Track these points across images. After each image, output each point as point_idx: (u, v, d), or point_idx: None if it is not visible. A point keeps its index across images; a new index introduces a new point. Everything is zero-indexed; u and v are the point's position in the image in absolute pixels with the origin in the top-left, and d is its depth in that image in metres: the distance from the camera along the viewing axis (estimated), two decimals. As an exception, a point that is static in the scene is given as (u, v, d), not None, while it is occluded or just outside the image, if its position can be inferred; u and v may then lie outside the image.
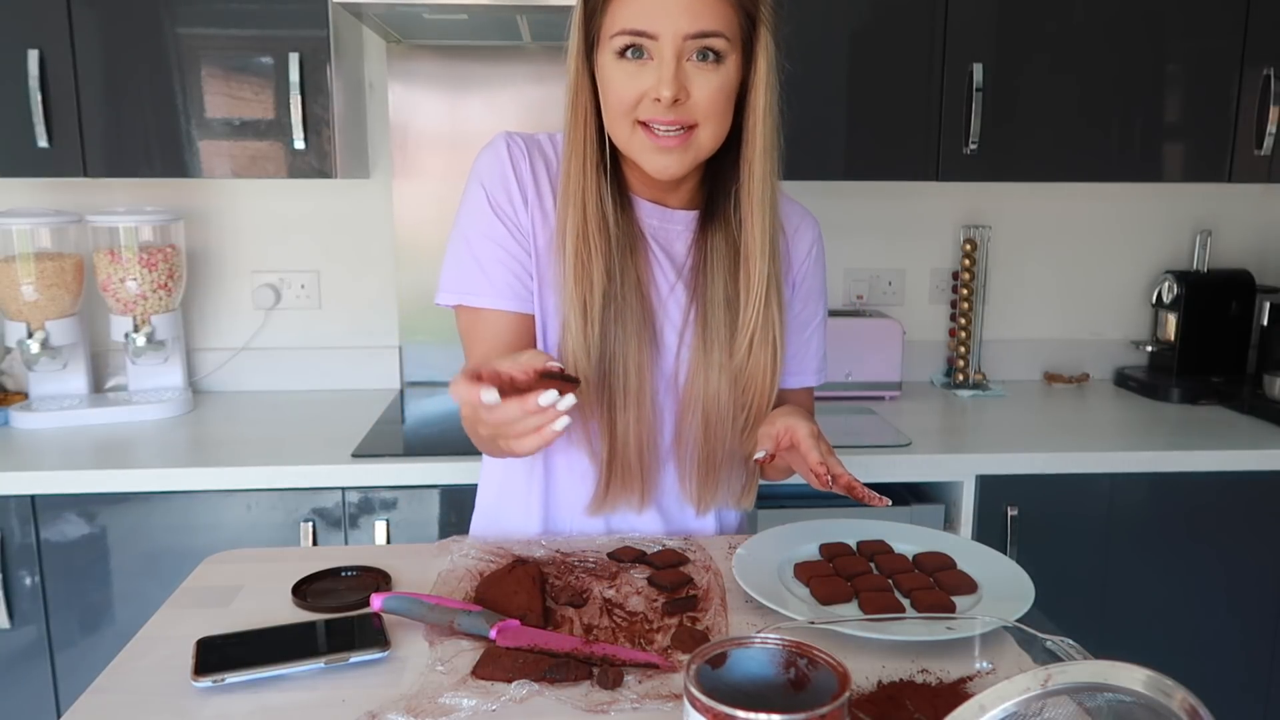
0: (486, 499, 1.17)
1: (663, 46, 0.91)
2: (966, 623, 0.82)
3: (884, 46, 1.90)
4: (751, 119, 0.99)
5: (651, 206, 1.06)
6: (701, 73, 0.93)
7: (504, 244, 1.03)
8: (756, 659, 0.61)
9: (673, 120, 0.93)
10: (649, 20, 0.91)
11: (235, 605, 0.92)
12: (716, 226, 1.05)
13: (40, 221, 1.90)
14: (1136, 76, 1.94)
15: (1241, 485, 1.79)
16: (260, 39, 1.79)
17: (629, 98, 0.94)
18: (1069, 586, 1.80)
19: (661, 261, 1.06)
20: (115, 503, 1.65)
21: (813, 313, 1.16)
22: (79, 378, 2.01)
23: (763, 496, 1.78)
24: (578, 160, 0.99)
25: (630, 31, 0.92)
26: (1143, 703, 0.53)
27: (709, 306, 1.04)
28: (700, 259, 1.05)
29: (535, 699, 0.74)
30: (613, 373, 1.01)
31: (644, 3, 0.91)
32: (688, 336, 1.05)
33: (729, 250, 1.04)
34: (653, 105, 0.93)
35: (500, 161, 1.03)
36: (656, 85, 0.92)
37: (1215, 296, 2.21)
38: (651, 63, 0.93)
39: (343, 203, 2.17)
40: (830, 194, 2.27)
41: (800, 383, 1.17)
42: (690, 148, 0.96)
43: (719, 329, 1.04)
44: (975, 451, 1.76)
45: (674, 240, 1.07)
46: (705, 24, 0.91)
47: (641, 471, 1.05)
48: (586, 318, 0.99)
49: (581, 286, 0.99)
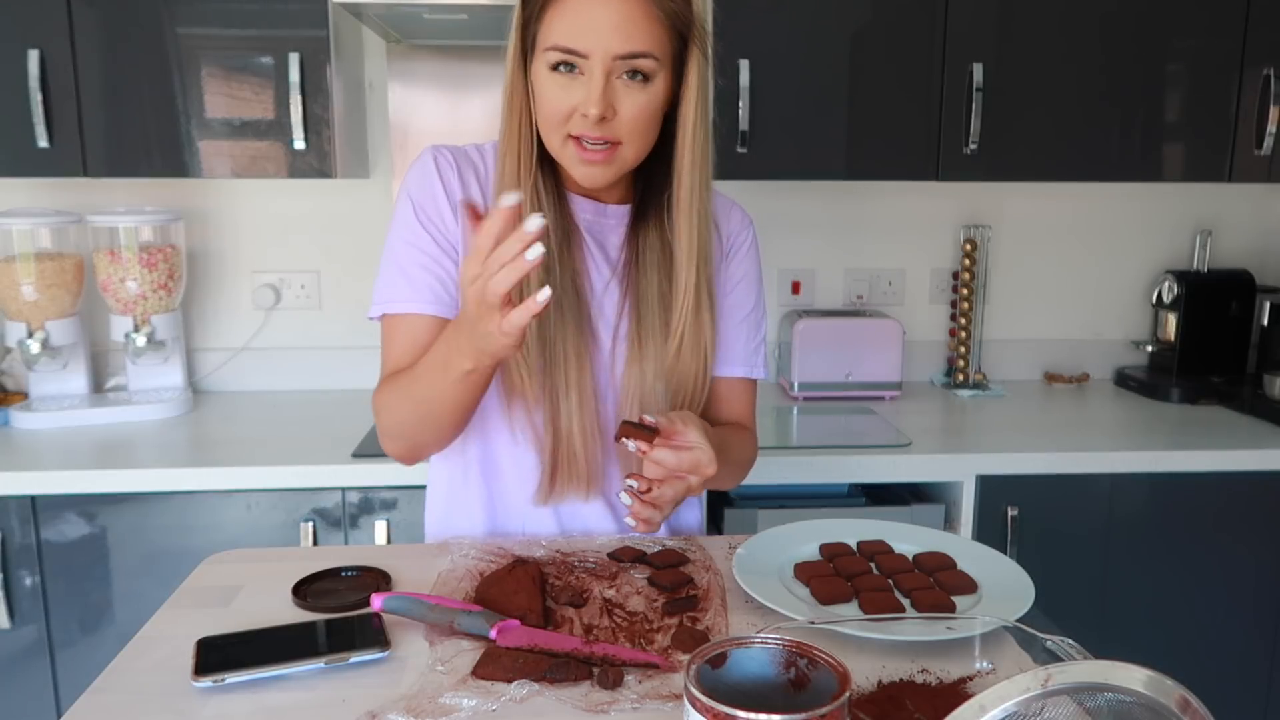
0: (436, 501, 1.17)
1: (593, 65, 0.94)
2: (966, 623, 0.82)
3: (884, 46, 1.90)
4: (682, 132, 1.01)
5: (586, 202, 1.08)
6: (629, 92, 0.96)
7: (428, 250, 1.05)
8: (756, 659, 0.61)
9: (599, 136, 0.96)
10: (581, 39, 0.93)
11: (235, 605, 0.92)
12: (649, 223, 1.07)
13: (40, 221, 1.90)
14: (1136, 76, 1.94)
15: (1241, 485, 1.79)
16: (260, 39, 1.80)
17: (560, 110, 0.96)
18: (1069, 586, 1.80)
19: (596, 256, 1.08)
20: (115, 503, 1.65)
21: (743, 299, 1.16)
22: (79, 378, 2.01)
23: (763, 496, 1.79)
24: (513, 157, 1.02)
25: (562, 49, 0.94)
26: (1143, 703, 0.53)
27: (641, 301, 1.07)
28: (633, 255, 1.08)
29: (535, 699, 0.74)
30: (553, 362, 1.03)
31: (577, 21, 0.93)
32: (623, 330, 1.08)
33: (662, 248, 1.07)
34: (581, 120, 0.96)
35: (428, 174, 1.06)
36: (585, 102, 0.94)
37: (1215, 296, 2.21)
38: (582, 78, 0.95)
39: (343, 203, 2.17)
40: (830, 194, 2.27)
41: (727, 372, 1.16)
42: (615, 161, 0.99)
43: (653, 323, 1.06)
44: (975, 451, 1.76)
45: (608, 234, 1.09)
46: (635, 45, 0.94)
47: (586, 458, 1.06)
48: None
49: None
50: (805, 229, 2.28)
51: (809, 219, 2.28)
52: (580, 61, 0.94)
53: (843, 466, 1.74)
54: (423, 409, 0.99)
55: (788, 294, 2.30)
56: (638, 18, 0.93)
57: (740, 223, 1.16)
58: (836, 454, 1.74)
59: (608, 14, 0.92)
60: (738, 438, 1.14)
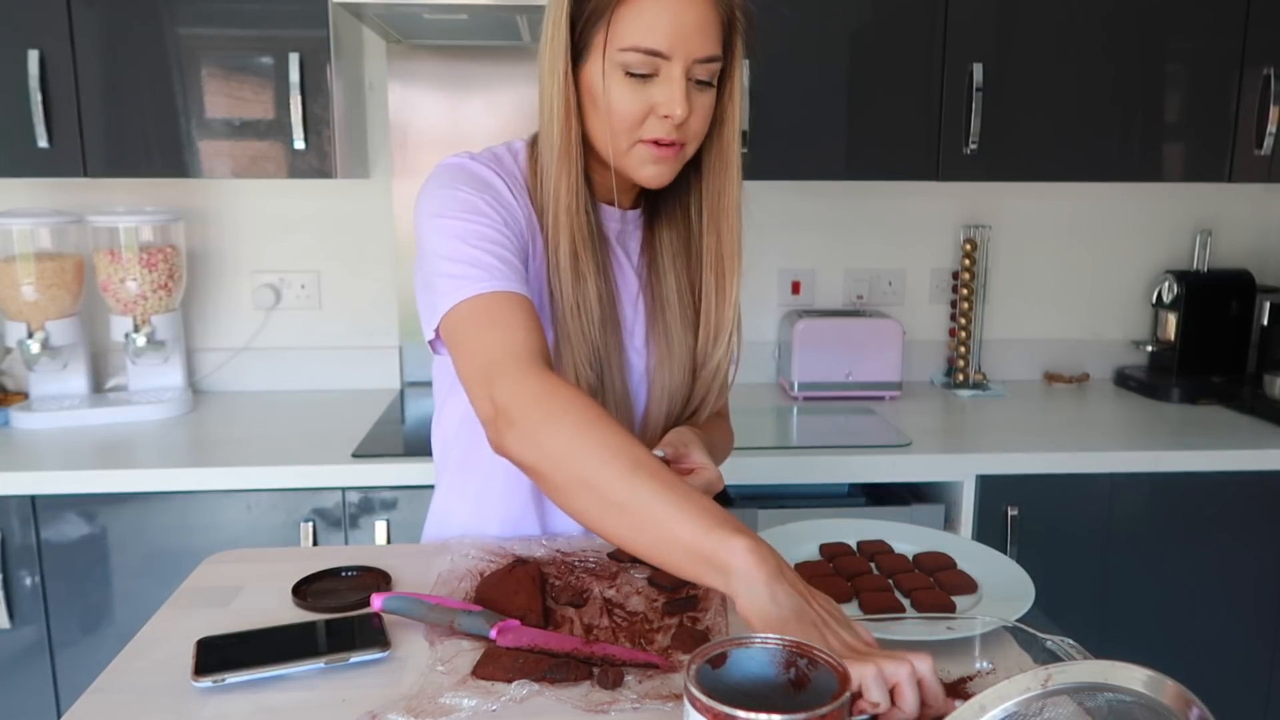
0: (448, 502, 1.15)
1: (673, 67, 0.93)
2: (966, 623, 0.82)
3: (884, 46, 1.90)
4: (727, 130, 1.02)
5: (612, 210, 1.08)
6: (699, 95, 0.96)
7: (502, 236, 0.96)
8: (756, 659, 0.61)
9: (673, 139, 0.96)
10: (664, 40, 0.91)
11: (235, 605, 0.92)
12: (663, 225, 1.09)
13: (40, 221, 1.90)
14: (1136, 76, 1.94)
15: (1241, 485, 1.79)
16: (260, 39, 1.79)
17: (636, 113, 0.94)
18: (1069, 586, 1.80)
19: (623, 262, 1.09)
20: (115, 503, 1.65)
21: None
22: (79, 378, 2.01)
23: (763, 496, 1.79)
24: (569, 174, 0.98)
25: (645, 50, 0.92)
26: (1143, 703, 0.53)
27: (665, 302, 1.08)
28: (654, 257, 1.09)
29: (535, 699, 0.74)
30: (600, 376, 1.04)
31: (658, 21, 0.91)
32: (651, 331, 1.09)
33: (680, 247, 1.09)
34: (660, 123, 0.94)
35: (477, 168, 1.00)
36: (668, 104, 0.93)
37: (1215, 296, 2.21)
38: (656, 79, 0.93)
39: (343, 203, 2.17)
40: (830, 194, 2.27)
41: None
42: (679, 159, 0.99)
43: (676, 322, 1.08)
44: (975, 451, 1.76)
45: (629, 239, 1.10)
46: (711, 48, 0.94)
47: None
48: (584, 325, 1.01)
49: (578, 291, 1.01)
50: (805, 229, 2.28)
51: (809, 219, 2.28)
52: (660, 64, 0.92)
53: (843, 466, 1.74)
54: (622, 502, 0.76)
55: (788, 294, 2.30)
56: (712, 19, 0.94)
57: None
58: (836, 454, 1.74)
59: (688, 15, 0.92)
60: (720, 433, 1.18)
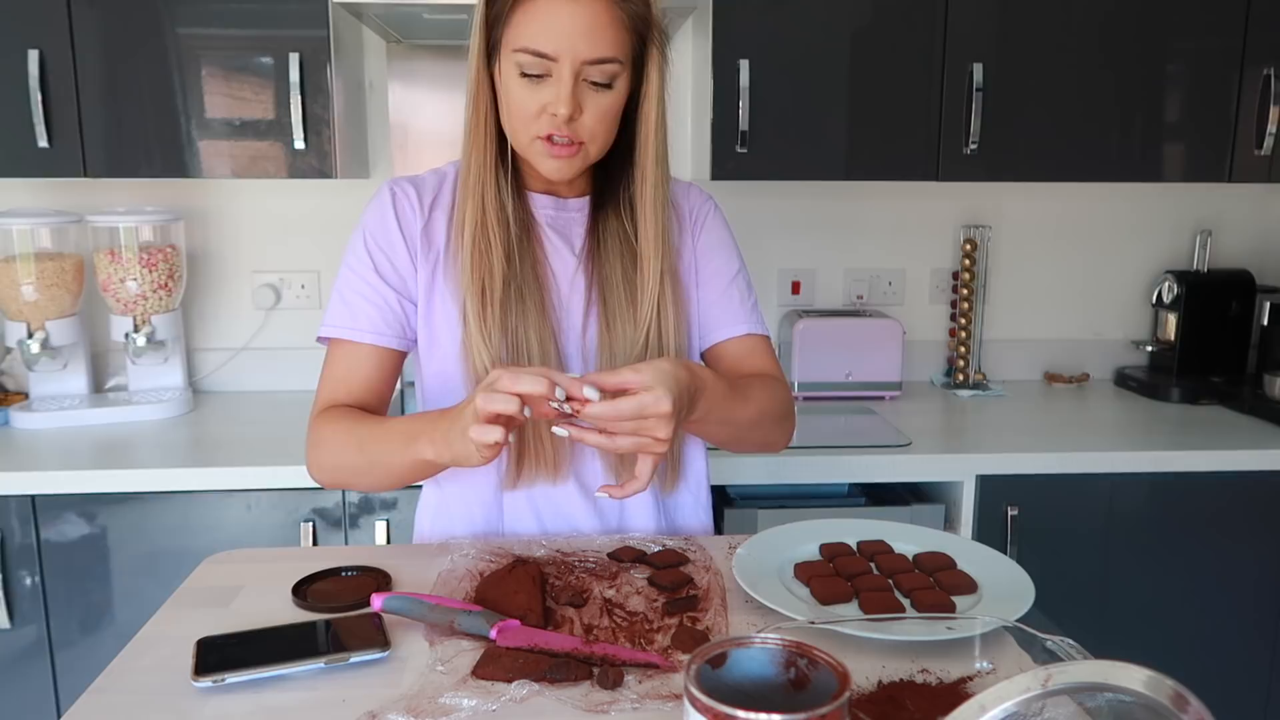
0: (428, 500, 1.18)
1: (561, 68, 0.96)
2: (966, 623, 0.82)
3: (884, 46, 1.90)
4: (644, 130, 1.05)
5: (546, 198, 1.12)
6: (594, 95, 0.99)
7: (371, 281, 1.10)
8: (756, 659, 0.61)
9: (566, 135, 0.99)
10: (551, 43, 0.95)
11: (235, 605, 0.92)
12: (609, 213, 1.11)
13: (40, 221, 1.90)
14: (1136, 76, 1.94)
15: (1241, 485, 1.79)
16: (260, 39, 1.79)
17: (529, 110, 0.99)
18: (1069, 586, 1.80)
19: (559, 248, 1.11)
20: (115, 503, 1.65)
21: (725, 264, 1.18)
22: (79, 378, 2.01)
23: (763, 496, 1.79)
24: (478, 156, 1.05)
25: (532, 52, 0.96)
26: (1143, 703, 0.53)
27: (606, 286, 1.09)
28: (595, 244, 1.11)
29: (535, 699, 0.74)
30: (517, 353, 1.06)
31: (546, 25, 0.95)
32: (592, 317, 1.10)
33: (623, 235, 1.10)
34: (550, 119, 0.99)
35: (383, 207, 1.10)
36: (554, 102, 0.97)
37: (1215, 296, 2.21)
38: (550, 79, 0.98)
39: (343, 203, 2.17)
40: (830, 194, 2.27)
41: (732, 332, 1.17)
42: (580, 157, 1.03)
43: (619, 307, 1.09)
44: (975, 451, 1.76)
45: (571, 227, 1.12)
46: (602, 50, 0.97)
47: (551, 441, 1.07)
48: (485, 303, 1.04)
49: (479, 272, 1.05)
50: (805, 229, 2.28)
51: (809, 219, 2.28)
52: (549, 65, 0.96)
53: (843, 466, 1.74)
54: (368, 465, 1.03)
55: (788, 294, 2.30)
56: (604, 23, 0.96)
57: (699, 197, 1.20)
58: (836, 454, 1.74)
59: (576, 19, 0.95)
60: (759, 382, 1.10)
